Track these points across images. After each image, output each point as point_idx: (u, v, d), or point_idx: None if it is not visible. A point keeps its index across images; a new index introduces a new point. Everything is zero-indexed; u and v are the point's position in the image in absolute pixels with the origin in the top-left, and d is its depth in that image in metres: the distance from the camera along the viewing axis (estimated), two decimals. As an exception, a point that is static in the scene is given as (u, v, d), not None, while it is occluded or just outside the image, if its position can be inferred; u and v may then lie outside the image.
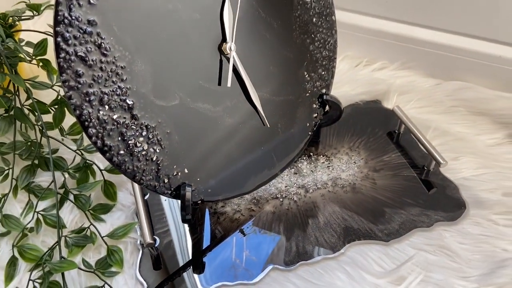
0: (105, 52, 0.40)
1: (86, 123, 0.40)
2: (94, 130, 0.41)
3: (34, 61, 0.61)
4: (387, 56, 0.75)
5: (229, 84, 0.47)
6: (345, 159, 0.62)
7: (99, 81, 0.40)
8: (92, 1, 0.39)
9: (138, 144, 0.44)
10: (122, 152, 0.43)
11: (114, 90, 0.41)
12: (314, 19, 0.55)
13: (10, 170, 0.57)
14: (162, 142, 0.45)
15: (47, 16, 0.61)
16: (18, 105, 0.59)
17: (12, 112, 0.58)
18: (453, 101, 0.68)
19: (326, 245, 0.52)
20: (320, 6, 0.56)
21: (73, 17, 0.38)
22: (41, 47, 0.60)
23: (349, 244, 0.52)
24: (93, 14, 0.39)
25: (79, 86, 0.39)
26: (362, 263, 0.50)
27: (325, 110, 0.60)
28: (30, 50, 0.61)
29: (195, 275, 0.50)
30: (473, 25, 0.67)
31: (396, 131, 0.66)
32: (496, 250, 0.50)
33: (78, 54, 0.39)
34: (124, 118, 0.42)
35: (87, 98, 0.40)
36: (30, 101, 0.58)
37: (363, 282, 0.48)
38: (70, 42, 0.38)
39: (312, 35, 0.56)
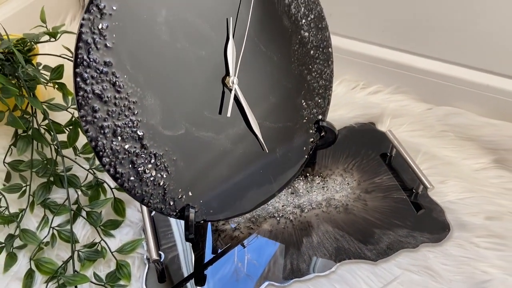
0: (119, 89, 0.44)
1: (101, 153, 0.44)
2: (107, 159, 0.45)
3: (50, 83, 0.65)
4: (382, 80, 0.78)
5: (228, 114, 0.50)
6: (339, 180, 0.66)
7: (113, 115, 0.44)
8: (108, 45, 0.43)
9: (147, 171, 0.48)
10: (132, 178, 0.47)
11: (126, 123, 0.45)
12: (311, 52, 0.59)
13: (28, 187, 0.61)
14: (168, 168, 0.49)
15: (63, 38, 0.66)
16: (35, 125, 0.63)
17: (30, 132, 0.63)
18: (443, 126, 0.72)
19: (319, 264, 0.56)
20: (317, 40, 0.59)
21: (91, 59, 0.42)
22: (57, 72, 0.64)
23: (340, 263, 0.56)
24: (109, 56, 0.43)
25: (95, 120, 0.43)
26: (351, 281, 0.54)
27: (321, 135, 0.64)
28: (47, 73, 0.66)
29: (198, 288, 0.54)
30: (463, 55, 0.71)
31: (388, 154, 0.69)
32: (476, 272, 0.54)
33: (95, 92, 0.43)
34: (135, 147, 0.46)
35: (102, 131, 0.44)
36: (46, 121, 0.62)
37: (352, 300, 0.52)
38: (88, 81, 0.42)
39: (310, 66, 0.60)
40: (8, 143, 0.65)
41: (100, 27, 0.42)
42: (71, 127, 0.63)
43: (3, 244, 0.55)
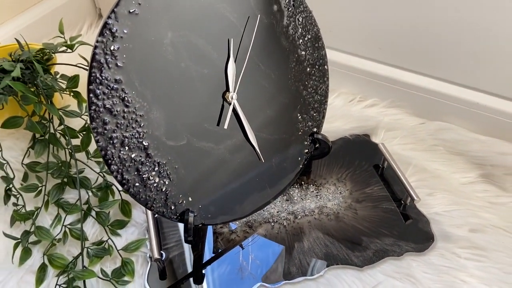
0: (127, 104, 0.48)
1: (110, 161, 0.49)
2: (115, 167, 0.49)
3: (66, 91, 0.70)
4: (378, 94, 0.82)
5: (225, 127, 0.55)
6: (332, 189, 0.69)
7: (122, 127, 0.49)
8: (119, 64, 0.47)
9: (151, 178, 0.52)
10: (137, 184, 0.51)
11: (133, 134, 0.50)
12: (307, 69, 0.63)
13: (43, 187, 0.66)
14: (170, 176, 0.53)
15: (79, 48, 0.70)
16: (52, 130, 0.68)
17: (46, 137, 0.68)
18: (434, 140, 0.75)
19: (308, 268, 0.60)
20: (314, 58, 0.63)
21: (103, 77, 0.47)
22: (73, 81, 0.69)
23: (327, 268, 0.59)
24: (119, 74, 0.47)
25: (105, 132, 0.48)
26: (337, 285, 0.57)
27: (316, 146, 0.68)
28: (64, 81, 0.71)
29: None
30: (455, 74, 0.74)
31: (380, 165, 0.73)
32: (456, 281, 0.57)
33: (106, 106, 0.47)
34: (140, 156, 0.51)
35: (111, 141, 0.48)
36: (62, 126, 0.67)
37: (336, 302, 0.56)
38: (100, 97, 0.47)
39: (306, 83, 0.63)
40: (26, 146, 0.70)
41: (112, 48, 0.46)
42: (84, 132, 0.68)
43: (19, 240, 0.60)
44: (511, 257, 0.60)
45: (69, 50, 0.72)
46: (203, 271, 0.61)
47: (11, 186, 0.65)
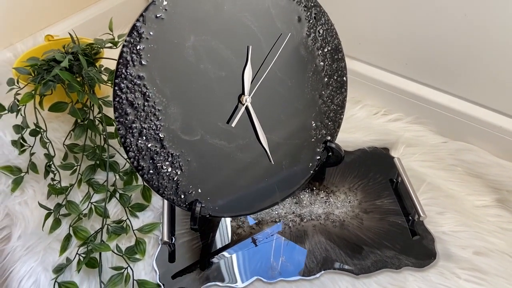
0: (148, 98, 0.53)
1: (128, 148, 0.54)
2: (133, 154, 0.55)
3: (108, 83, 0.77)
4: (403, 109, 0.82)
5: (233, 125, 0.58)
6: (342, 197, 0.71)
7: (141, 119, 0.54)
8: (143, 62, 0.52)
9: (164, 167, 0.57)
10: (151, 171, 0.56)
11: (151, 126, 0.55)
12: (325, 79, 0.65)
13: (78, 167, 0.73)
14: (182, 167, 0.58)
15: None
16: (91, 117, 0.75)
17: (86, 122, 0.75)
18: (453, 160, 0.74)
19: (305, 269, 0.62)
20: (332, 69, 0.65)
21: (128, 73, 0.52)
22: (113, 74, 0.75)
23: (324, 271, 0.61)
24: (142, 71, 0.52)
25: (126, 122, 0.53)
26: (330, 288, 0.59)
27: (328, 154, 0.70)
28: (107, 74, 0.77)
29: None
30: (480, 95, 0.72)
31: (395, 180, 0.73)
32: (450, 300, 0.57)
33: (128, 99, 0.53)
34: (156, 147, 0.56)
35: (131, 131, 0.54)
36: (100, 114, 0.74)
37: (326, 304, 0.57)
38: (123, 90, 0.52)
39: (322, 92, 0.66)
40: (69, 129, 0.78)
41: (138, 48, 0.52)
42: (118, 121, 0.74)
43: (52, 211, 0.67)
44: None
45: (114, 46, 0.79)
46: (212, 260, 0.64)
47: (51, 163, 0.72)
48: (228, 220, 0.68)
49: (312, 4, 0.61)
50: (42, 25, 0.98)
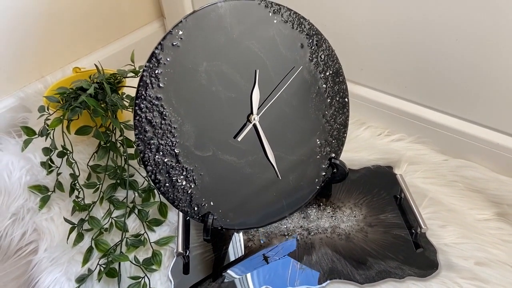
0: (164, 117, 0.59)
1: (146, 162, 0.59)
2: (150, 168, 0.59)
3: (129, 109, 0.83)
4: (406, 130, 0.85)
5: (239, 139, 0.62)
6: (348, 212, 0.74)
7: (158, 135, 0.59)
8: (161, 85, 0.58)
9: (179, 180, 0.61)
10: (167, 184, 0.61)
11: (167, 142, 0.59)
12: (328, 100, 0.70)
13: (101, 185, 0.78)
14: (196, 181, 0.62)
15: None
16: (113, 139, 0.81)
17: (108, 144, 0.80)
18: (454, 176, 0.76)
19: (312, 278, 0.64)
20: (334, 91, 0.70)
21: (147, 94, 0.57)
22: (134, 100, 0.81)
23: (330, 281, 0.63)
24: (160, 93, 0.58)
25: (145, 138, 0.58)
26: (336, 297, 0.61)
27: (334, 171, 0.73)
28: (128, 100, 0.84)
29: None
30: (478, 114, 0.75)
31: (398, 196, 0.76)
32: (452, 308, 0.58)
33: (147, 118, 0.58)
34: (172, 161, 0.60)
35: (149, 147, 0.59)
36: (121, 137, 0.80)
37: (331, 311, 0.59)
38: (143, 110, 0.57)
39: (326, 112, 0.70)
40: (92, 151, 0.84)
41: (156, 72, 0.57)
42: (138, 143, 0.79)
43: (76, 225, 0.72)
44: (514, 294, 0.59)
45: (135, 76, 0.86)
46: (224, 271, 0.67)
47: (76, 181, 0.77)
48: (240, 234, 0.71)
49: (314, 33, 0.67)
50: (71, 59, 1.06)
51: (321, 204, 0.75)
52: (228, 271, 0.66)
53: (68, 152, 0.79)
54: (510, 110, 0.72)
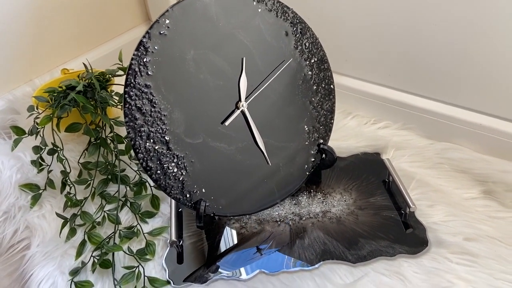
0: (154, 105, 0.59)
1: (137, 150, 0.59)
2: (141, 155, 0.59)
3: (118, 106, 0.83)
4: (391, 117, 0.87)
5: (227, 124, 0.63)
6: (338, 197, 0.74)
7: (148, 123, 0.59)
8: (149, 73, 0.58)
9: (170, 168, 0.61)
10: (159, 172, 0.61)
11: (158, 129, 0.60)
12: (314, 87, 0.71)
13: (92, 181, 0.77)
14: (187, 168, 0.62)
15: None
16: (103, 136, 0.81)
17: (99, 141, 0.80)
18: (440, 159, 0.78)
19: (306, 260, 0.64)
20: (319, 78, 0.71)
21: (136, 82, 0.58)
22: (122, 97, 0.82)
23: (323, 262, 0.64)
24: (149, 81, 0.58)
25: (135, 126, 0.58)
26: (329, 276, 0.61)
27: (322, 157, 0.74)
28: (117, 98, 0.84)
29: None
30: (461, 97, 0.77)
31: (387, 180, 0.77)
32: (443, 281, 0.59)
33: (137, 105, 0.58)
34: (162, 149, 0.60)
35: (139, 134, 0.59)
36: (111, 133, 0.80)
37: (325, 290, 0.60)
38: (132, 97, 0.58)
39: (312, 99, 0.71)
40: (83, 149, 0.84)
41: (145, 60, 0.58)
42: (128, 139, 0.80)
43: (68, 220, 0.71)
44: (503, 265, 0.60)
45: (123, 74, 0.86)
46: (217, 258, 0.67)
47: (67, 178, 0.77)
48: (232, 229, 0.71)
49: (298, 21, 0.68)
50: (59, 62, 1.06)
51: (312, 190, 0.76)
52: (220, 269, 0.66)
53: (59, 149, 0.79)
54: (492, 91, 0.74)
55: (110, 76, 0.89)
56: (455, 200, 0.71)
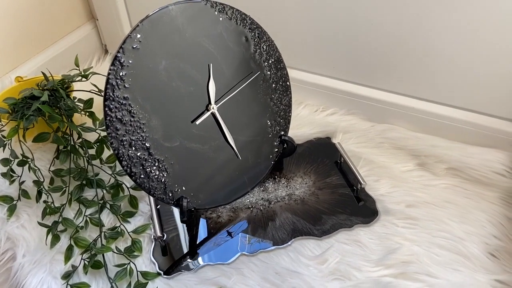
0: (133, 115, 0.63)
1: (121, 158, 0.63)
2: (125, 163, 0.63)
3: (83, 112, 0.84)
4: (337, 105, 0.96)
5: (197, 123, 0.68)
6: (300, 180, 0.83)
7: (129, 132, 0.63)
8: (126, 85, 0.62)
9: (153, 171, 0.66)
10: (142, 176, 0.65)
11: (138, 137, 0.64)
12: (273, 85, 0.78)
13: (67, 188, 0.79)
14: (168, 170, 0.67)
15: (91, 78, 0.85)
16: (72, 143, 0.82)
17: (68, 148, 0.81)
18: (381, 139, 0.89)
19: (279, 240, 0.73)
20: (277, 77, 0.78)
21: (115, 95, 0.61)
22: (88, 103, 0.83)
23: (294, 239, 0.73)
24: (126, 93, 0.62)
25: (117, 136, 0.62)
26: (301, 250, 0.70)
27: (284, 146, 0.82)
28: (81, 104, 0.85)
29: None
30: (395, 85, 0.89)
31: (339, 161, 0.87)
32: (393, 243, 0.70)
33: (117, 117, 0.61)
34: (144, 155, 0.65)
35: (122, 143, 0.62)
36: (80, 140, 0.81)
37: (299, 262, 0.68)
38: (112, 110, 0.61)
39: (272, 96, 0.78)
40: (51, 157, 0.84)
41: (121, 74, 0.61)
42: (98, 143, 0.82)
43: (51, 227, 0.73)
44: (438, 225, 0.73)
45: (84, 79, 0.87)
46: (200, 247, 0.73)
47: (42, 187, 0.78)
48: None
49: (255, 26, 0.74)
50: (7, 69, 1.02)
51: (276, 177, 0.84)
52: (203, 256, 0.72)
53: (29, 160, 0.79)
54: (421, 79, 0.85)
55: (70, 82, 0.89)
56: (395, 174, 0.83)
